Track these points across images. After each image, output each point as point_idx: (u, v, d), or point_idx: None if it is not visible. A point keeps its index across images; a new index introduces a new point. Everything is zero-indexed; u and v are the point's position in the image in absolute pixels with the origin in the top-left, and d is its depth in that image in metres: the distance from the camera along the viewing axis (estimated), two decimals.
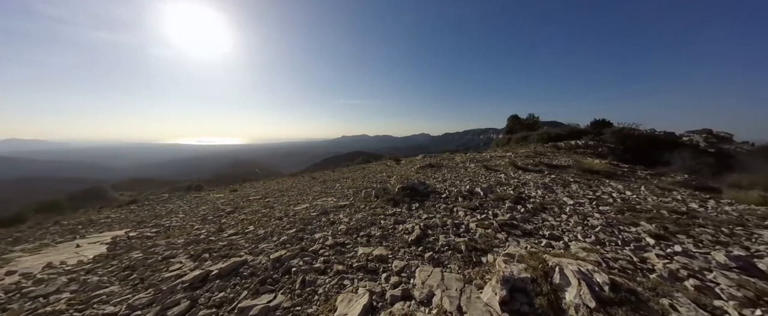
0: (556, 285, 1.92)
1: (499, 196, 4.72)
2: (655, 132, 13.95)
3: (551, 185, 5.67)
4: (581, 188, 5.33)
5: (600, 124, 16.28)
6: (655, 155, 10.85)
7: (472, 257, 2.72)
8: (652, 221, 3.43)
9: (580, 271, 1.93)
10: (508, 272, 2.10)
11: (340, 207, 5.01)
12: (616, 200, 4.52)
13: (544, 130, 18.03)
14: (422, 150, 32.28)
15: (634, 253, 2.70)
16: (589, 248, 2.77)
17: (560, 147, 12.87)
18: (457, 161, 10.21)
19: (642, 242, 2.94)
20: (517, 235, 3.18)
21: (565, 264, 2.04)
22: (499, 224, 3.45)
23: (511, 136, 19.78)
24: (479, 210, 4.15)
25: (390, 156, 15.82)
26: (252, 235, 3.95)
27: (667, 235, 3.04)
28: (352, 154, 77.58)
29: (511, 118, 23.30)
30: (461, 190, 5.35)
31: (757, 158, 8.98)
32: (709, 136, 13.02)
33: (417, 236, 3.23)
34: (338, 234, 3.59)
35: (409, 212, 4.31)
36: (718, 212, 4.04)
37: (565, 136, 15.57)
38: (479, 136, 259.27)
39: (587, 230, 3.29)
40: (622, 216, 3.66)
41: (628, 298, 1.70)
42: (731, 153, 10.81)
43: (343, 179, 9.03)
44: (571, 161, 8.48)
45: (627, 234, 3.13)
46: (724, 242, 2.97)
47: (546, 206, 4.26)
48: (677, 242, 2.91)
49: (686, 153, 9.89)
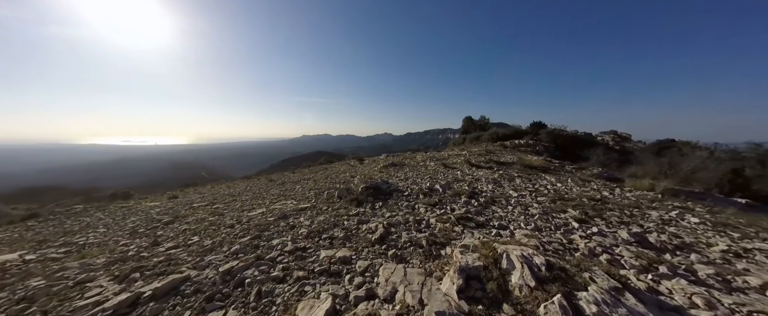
0: (504, 270, 2.13)
1: (456, 191, 5.05)
2: (578, 133, 16.56)
3: (500, 180, 6.29)
4: (523, 182, 6.04)
5: (537, 126, 18.66)
6: (578, 152, 12.89)
7: (433, 251, 2.86)
8: (577, 208, 4.07)
9: (523, 255, 2.18)
10: (464, 261, 2.26)
11: (300, 210, 4.77)
12: (550, 191, 5.24)
13: (493, 130, 19.93)
14: (385, 149, 32.68)
15: (564, 236, 3.17)
16: (529, 234, 3.15)
17: (507, 146, 14.38)
18: (419, 159, 10.62)
19: (569, 226, 3.47)
20: (471, 227, 3.45)
21: (511, 250, 2.28)
22: (456, 217, 3.69)
23: (466, 136, 21.38)
24: (439, 206, 4.38)
25: (353, 156, 15.68)
26: (197, 247, 3.51)
27: (587, 219, 3.64)
28: (313, 155, 74.78)
29: (466, 119, 25.20)
30: (422, 187, 5.57)
31: (647, 153, 11.34)
32: (615, 136, 15.98)
33: (380, 235, 3.26)
34: (299, 239, 3.41)
35: (373, 212, 4.33)
36: (622, 197, 4.99)
37: (510, 136, 17.46)
38: (438, 136, 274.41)
39: (528, 218, 3.74)
40: (555, 205, 4.25)
41: (559, 275, 1.98)
42: (630, 150, 13.46)
43: (304, 181, 8.63)
44: (515, 158, 9.54)
45: (558, 220, 3.65)
46: (626, 221, 3.68)
47: (495, 199, 4.71)
48: (594, 224, 3.50)
49: (599, 150, 11.97)
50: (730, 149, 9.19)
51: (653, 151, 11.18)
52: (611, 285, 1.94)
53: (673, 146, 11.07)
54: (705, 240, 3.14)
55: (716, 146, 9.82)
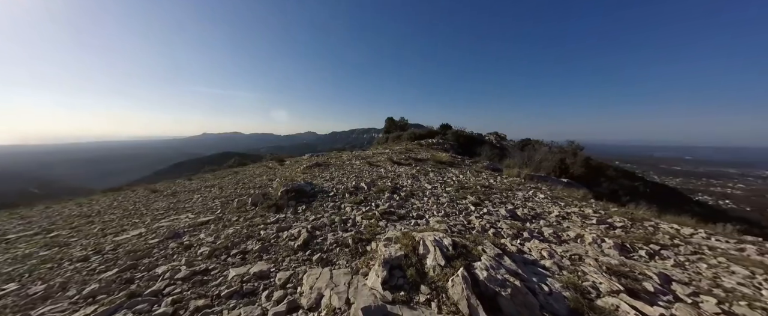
0: (421, 255, 2.38)
1: (380, 188, 5.30)
2: (473, 133, 20.36)
3: (417, 175, 7.02)
4: (436, 176, 6.94)
5: (445, 127, 21.82)
6: (473, 149, 15.89)
7: (359, 248, 2.90)
8: (473, 194, 5.00)
9: (435, 240, 2.50)
10: (388, 254, 2.40)
11: (200, 225, 3.93)
12: (455, 182, 6.23)
13: (411, 130, 22.03)
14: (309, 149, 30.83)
15: (465, 218, 3.83)
16: (440, 220, 3.65)
17: (422, 144, 16.19)
18: (344, 158, 10.57)
19: (468, 209, 4.22)
20: (394, 220, 3.70)
21: (426, 237, 2.58)
22: (381, 213, 3.88)
23: (388, 135, 22.77)
24: (364, 203, 4.49)
25: (272, 156, 14.12)
26: (17, 298, 2.36)
27: (480, 202, 4.53)
28: (219, 157, 62.99)
29: (388, 120, 26.84)
30: (348, 186, 5.58)
31: (516, 149, 15.09)
32: (497, 136, 20.52)
33: (304, 240, 3.06)
34: (198, 260, 2.80)
35: (295, 216, 4.02)
36: (501, 183, 6.47)
37: (425, 136, 19.74)
38: (364, 135, 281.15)
39: (439, 206, 4.33)
40: (458, 193, 5.09)
41: (462, 251, 2.38)
42: (506, 146, 17.57)
43: (205, 189, 7.14)
44: (429, 155, 10.86)
45: (461, 205, 4.39)
46: (504, 201, 4.79)
47: (414, 192, 5.22)
48: (485, 206, 4.39)
49: (487, 147, 15.10)
50: (558, 146, 13.37)
51: (519, 148, 14.99)
52: (496, 252, 2.48)
53: (529, 144, 15.18)
54: (547, 209, 4.45)
55: (552, 143, 14.09)
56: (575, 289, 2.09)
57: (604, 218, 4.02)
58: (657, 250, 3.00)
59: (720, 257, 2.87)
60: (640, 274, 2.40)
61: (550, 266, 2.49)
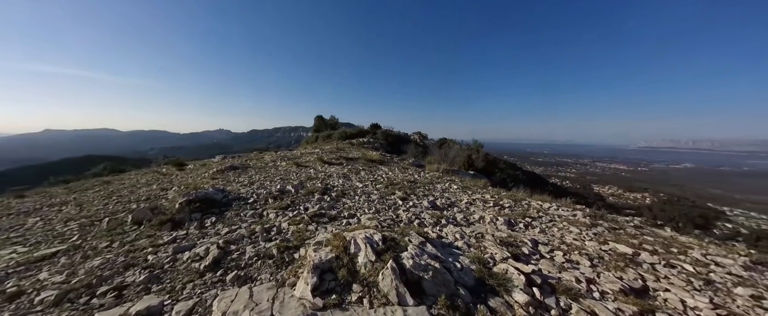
0: (352, 254, 2.38)
1: (309, 190, 5.02)
2: (400, 132, 21.88)
3: (349, 174, 7.00)
4: (367, 174, 7.10)
5: (375, 127, 22.61)
6: (401, 147, 17.11)
7: (285, 258, 2.67)
8: (401, 189, 5.37)
9: (366, 237, 2.55)
10: (318, 258, 2.29)
11: (39, 261, 2.77)
12: (385, 179, 6.54)
13: (342, 130, 21.82)
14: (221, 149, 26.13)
15: (393, 212, 4.07)
16: (371, 217, 3.76)
17: (354, 143, 16.28)
18: (267, 160, 9.51)
19: (397, 204, 4.51)
20: (325, 222, 3.57)
21: (357, 235, 2.60)
22: (310, 216, 3.68)
23: (318, 134, 21.83)
24: (291, 208, 4.15)
25: (168, 160, 11.28)
26: None
27: (407, 196, 4.91)
28: (78, 161, 46.11)
29: (318, 118, 25.71)
30: (272, 190, 5.04)
31: (435, 147, 17.10)
32: (420, 136, 22.70)
33: (214, 259, 2.58)
34: (35, 312, 1.96)
35: (202, 231, 3.35)
36: (424, 178, 7.20)
37: (356, 135, 19.91)
38: (290, 134, 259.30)
39: (370, 203, 4.45)
40: (388, 189, 5.37)
41: (391, 245, 2.51)
42: (428, 145, 19.66)
43: (49, 209, 5.08)
44: (360, 154, 11.02)
45: (390, 201, 4.64)
46: (426, 194, 5.34)
47: (345, 192, 5.18)
48: (411, 199, 4.79)
49: (412, 146, 16.53)
50: (467, 145, 15.93)
51: (438, 146, 17.05)
52: (420, 241, 2.73)
53: (446, 143, 17.50)
54: (459, 198, 5.23)
55: (462, 142, 16.67)
56: (479, 261, 2.54)
57: (497, 201, 5.04)
58: (530, 222, 3.98)
59: (564, 221, 4.05)
60: (520, 242, 3.12)
61: (461, 246, 2.93)
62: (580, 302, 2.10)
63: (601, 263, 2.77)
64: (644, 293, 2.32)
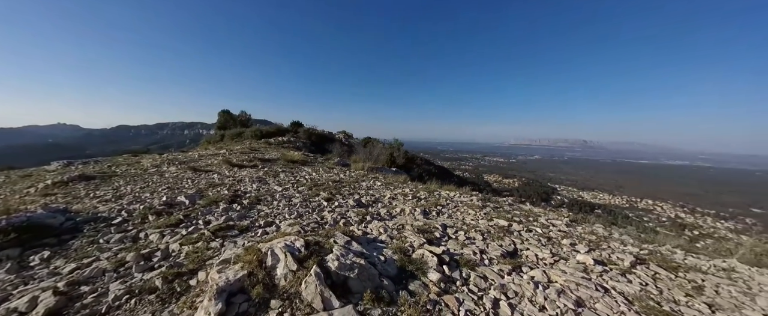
0: (269, 267, 2.13)
1: (211, 199, 4.18)
2: (324, 131, 21.20)
3: (265, 177, 6.24)
4: (287, 176, 6.52)
5: (296, 125, 21.05)
6: (325, 146, 16.58)
7: (177, 288, 2.13)
8: (326, 190, 5.20)
9: (286, 245, 2.34)
10: (224, 280, 1.94)
11: None
12: (308, 180, 6.19)
13: (256, 127, 19.24)
14: (64, 152, 18.08)
15: (318, 214, 3.90)
16: (293, 222, 3.47)
17: (271, 143, 14.64)
18: (146, 164, 7.34)
19: (321, 205, 4.34)
20: (233, 236, 3.06)
21: (276, 244, 2.35)
22: (213, 230, 3.07)
23: (224, 132, 18.48)
24: (185, 223, 3.35)
25: None
26: None
27: (332, 197, 4.80)
28: None
29: (223, 113, 21.74)
30: (153, 204, 3.92)
31: (360, 146, 17.44)
32: (345, 135, 22.65)
33: (48, 311, 1.79)
34: None
35: (21, 275, 2.26)
36: (350, 177, 7.23)
37: (274, 134, 17.96)
38: (183, 132, 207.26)
39: (292, 208, 4.11)
40: (311, 191, 5.09)
41: (315, 249, 2.39)
42: (353, 144, 19.83)
43: None
44: (279, 155, 10.02)
45: (314, 203, 4.42)
46: (352, 193, 5.38)
47: (261, 197, 4.59)
48: (336, 199, 4.71)
49: (337, 145, 16.31)
50: (389, 143, 16.99)
51: (362, 145, 17.47)
52: (346, 240, 2.72)
53: (370, 142, 18.14)
54: (383, 194, 5.51)
55: (385, 141, 17.67)
56: (400, 251, 2.75)
57: (415, 194, 5.60)
58: (440, 209, 4.62)
59: (464, 206, 4.90)
60: (433, 227, 3.58)
61: (385, 239, 3.10)
62: (476, 270, 2.58)
63: (489, 236, 3.50)
64: (515, 254, 3.08)
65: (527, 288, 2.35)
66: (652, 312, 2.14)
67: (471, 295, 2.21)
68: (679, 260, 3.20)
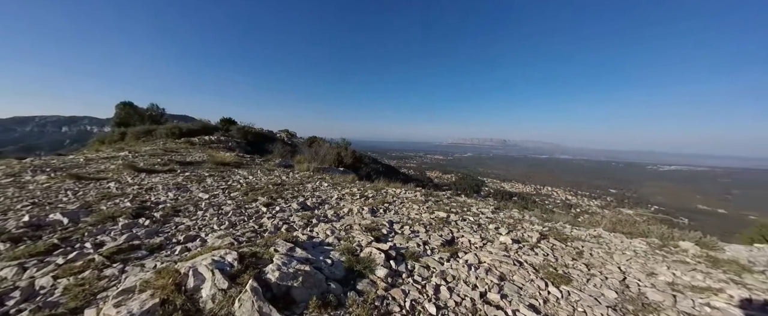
0: (191, 289, 1.81)
1: (105, 215, 3.29)
2: (263, 130, 19.29)
3: (185, 183, 5.28)
4: (216, 181, 5.67)
5: (228, 122, 18.52)
6: (264, 146, 15.09)
7: None
8: (265, 194, 4.74)
9: (214, 260, 2.03)
10: (125, 314, 1.55)
11: None
12: (243, 184, 5.51)
13: (174, 124, 16.11)
14: None
15: (256, 222, 3.52)
16: (224, 233, 3.04)
17: (195, 143, 12.49)
18: None
19: (260, 212, 3.93)
20: (140, 257, 2.48)
21: (200, 262, 2.01)
22: (108, 254, 2.42)
23: (125, 129, 14.84)
24: (62, 249, 2.55)
25: None
26: None
27: (272, 201, 4.39)
28: None
29: (123, 106, 17.43)
30: (7, 227, 2.86)
31: (305, 146, 16.51)
32: (288, 133, 21.10)
33: None
34: None
35: None
36: (294, 179, 6.76)
37: (198, 132, 15.37)
38: (61, 129, 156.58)
39: (222, 217, 3.60)
40: (247, 197, 4.56)
41: (251, 262, 2.14)
42: (297, 143, 18.63)
43: None
44: (206, 156, 8.64)
45: (251, 210, 3.97)
46: (296, 195, 5.04)
47: (180, 207, 3.87)
48: (277, 204, 4.33)
49: (279, 145, 15.07)
50: (336, 143, 16.60)
51: (307, 144, 16.59)
52: (288, 247, 2.53)
53: (316, 141, 17.36)
54: (330, 195, 5.35)
55: (332, 141, 17.18)
56: (348, 252, 2.72)
57: (363, 193, 5.63)
58: (387, 206, 4.76)
59: (409, 202, 5.17)
60: (381, 225, 3.66)
61: (332, 242, 3.01)
62: (420, 261, 2.76)
63: (431, 228, 3.79)
64: (453, 242, 3.42)
65: (462, 271, 2.63)
66: (551, 276, 2.68)
67: (416, 285, 2.35)
68: (568, 233, 4.11)
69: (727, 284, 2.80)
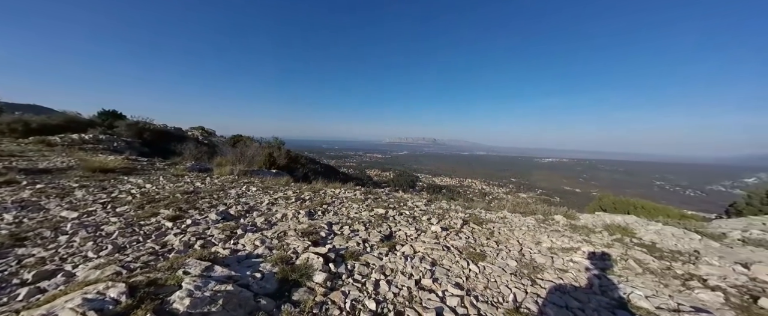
0: None
1: None
2: (167, 127, 15.76)
3: (37, 199, 3.81)
4: (91, 193, 4.30)
5: (111, 116, 14.33)
6: (171, 147, 12.33)
7: None
8: (170, 206, 3.87)
9: (87, 300, 1.53)
10: None
11: None
12: (136, 195, 4.36)
13: (17, 117, 11.38)
14: None
15: (157, 241, 2.84)
16: (105, 261, 2.33)
17: (54, 143, 9.15)
18: None
19: (162, 228, 3.18)
20: None
21: (62, 306, 1.48)
22: None
23: None
24: None
25: None
26: None
27: (181, 214, 3.63)
28: None
29: None
30: None
31: (227, 145, 14.30)
32: (203, 132, 17.84)
33: None
34: None
35: None
36: (212, 184, 5.77)
37: (62, 128, 11.32)
38: None
39: (102, 240, 2.75)
40: (143, 211, 3.63)
41: (148, 292, 1.71)
42: (216, 143, 15.97)
43: None
44: (75, 161, 6.45)
45: (148, 227, 3.17)
46: (215, 204, 4.31)
47: (29, 233, 2.77)
48: (189, 216, 3.61)
49: (191, 144, 12.58)
50: (267, 142, 14.98)
51: (231, 144, 14.44)
52: (204, 267, 2.14)
53: (241, 140, 15.26)
54: (260, 200, 4.80)
55: (261, 139, 15.41)
56: (282, 261, 2.49)
57: (299, 196, 5.27)
58: (326, 208, 4.60)
59: (349, 201, 5.14)
60: (319, 227, 3.51)
61: (262, 252, 2.71)
62: (360, 259, 2.77)
63: (370, 225, 3.86)
64: (391, 236, 3.58)
65: (399, 263, 2.79)
66: (471, 255, 3.12)
67: (356, 284, 2.35)
68: (483, 217, 4.87)
69: (582, 243, 3.86)
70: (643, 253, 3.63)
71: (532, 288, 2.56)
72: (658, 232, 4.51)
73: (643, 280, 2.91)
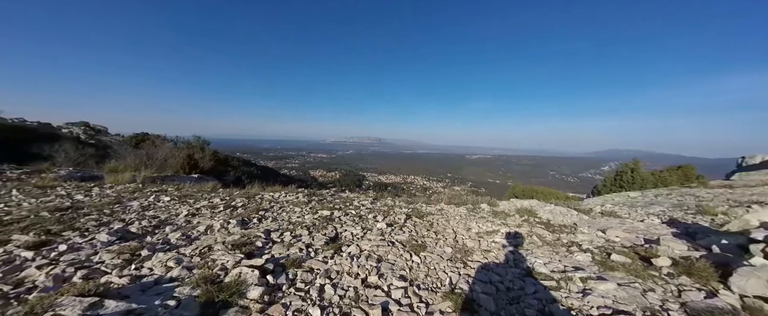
0: None
1: None
2: (26, 122, 11.63)
3: None
4: None
5: None
6: (35, 149, 9.10)
7: None
8: (30, 230, 2.85)
9: None
10: None
11: None
12: None
13: None
14: None
15: (5, 281, 2.04)
16: None
17: None
18: None
19: (16, 260, 2.32)
20: None
21: None
22: None
23: None
24: None
25: None
26: None
27: (49, 239, 2.71)
28: None
29: None
30: None
31: (127, 146, 11.43)
32: (88, 129, 13.81)
33: None
34: None
35: None
36: (101, 196, 4.51)
37: None
38: None
39: None
40: None
41: None
42: (109, 143, 12.58)
43: None
44: None
45: None
46: (107, 222, 3.38)
47: None
48: (62, 240, 2.73)
49: (68, 145, 9.58)
50: (185, 141, 12.62)
51: (132, 144, 11.61)
52: (86, 306, 1.65)
53: (148, 139, 12.42)
54: (175, 212, 4.00)
55: (177, 138, 12.89)
56: (206, 281, 2.13)
57: (229, 203, 4.63)
58: (263, 214, 4.17)
59: (290, 205, 4.78)
60: (254, 237, 3.15)
61: (178, 274, 2.26)
62: (303, 266, 2.61)
63: (314, 228, 3.68)
64: (337, 238, 3.49)
65: (346, 264, 2.74)
66: (414, 247, 3.32)
67: (298, 293, 2.20)
68: (424, 211, 5.25)
69: (501, 226, 4.57)
70: (542, 229, 4.54)
71: (464, 270, 2.89)
72: (551, 211, 5.73)
73: (542, 251, 3.64)
